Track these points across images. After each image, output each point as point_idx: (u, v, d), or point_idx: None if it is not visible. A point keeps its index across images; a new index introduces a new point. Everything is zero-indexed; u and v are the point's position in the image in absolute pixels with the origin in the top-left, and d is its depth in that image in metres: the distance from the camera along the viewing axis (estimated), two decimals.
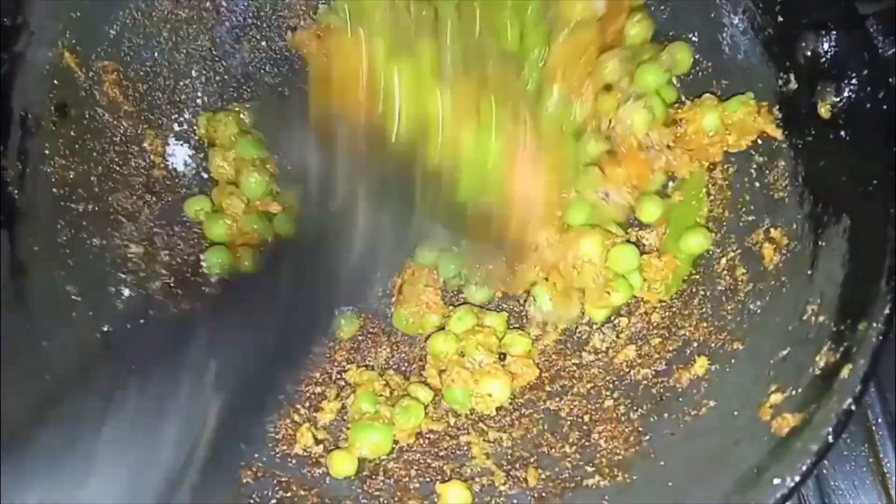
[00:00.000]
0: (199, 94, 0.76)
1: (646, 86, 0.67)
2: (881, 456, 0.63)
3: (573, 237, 0.64)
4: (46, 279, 0.59)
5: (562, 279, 0.64)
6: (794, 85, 0.59)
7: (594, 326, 0.67)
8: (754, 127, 0.62)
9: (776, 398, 0.51)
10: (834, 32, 0.55)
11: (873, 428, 0.64)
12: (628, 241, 0.66)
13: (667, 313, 0.65)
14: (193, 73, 0.76)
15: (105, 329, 0.62)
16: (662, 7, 0.71)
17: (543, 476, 0.60)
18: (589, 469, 0.60)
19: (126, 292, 0.65)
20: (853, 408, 0.46)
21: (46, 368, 0.55)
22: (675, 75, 0.69)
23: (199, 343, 0.45)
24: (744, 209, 0.64)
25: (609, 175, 0.65)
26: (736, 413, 0.54)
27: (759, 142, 0.63)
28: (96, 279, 0.64)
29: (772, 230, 0.60)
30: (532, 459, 0.61)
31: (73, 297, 0.61)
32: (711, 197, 0.66)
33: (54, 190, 0.63)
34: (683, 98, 0.69)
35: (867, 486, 0.62)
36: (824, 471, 0.62)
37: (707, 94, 0.67)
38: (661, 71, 0.67)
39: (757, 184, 0.63)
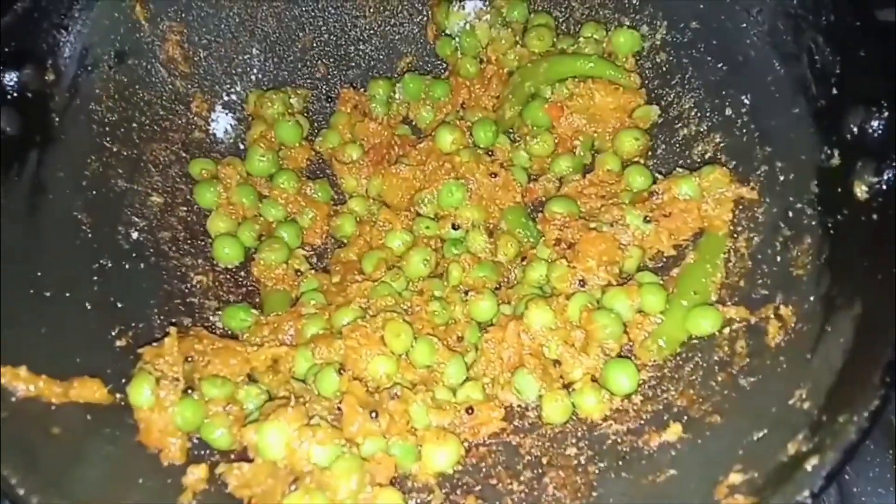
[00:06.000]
0: (255, 71, 0.80)
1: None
2: None
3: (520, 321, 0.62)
4: (63, 203, 0.62)
5: (536, 360, 0.61)
6: (836, 161, 0.55)
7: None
8: (732, 192, 0.63)
9: (735, 478, 0.47)
10: (886, 111, 0.52)
11: None
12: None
13: (656, 374, 0.61)
14: (254, 51, 0.79)
15: (103, 262, 0.64)
16: (720, 65, 0.69)
17: None
18: None
19: (135, 235, 0.68)
20: (808, 502, 0.41)
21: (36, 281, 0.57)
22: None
23: None
24: (760, 281, 0.59)
25: (578, 262, 0.64)
26: (693, 486, 0.50)
27: (790, 214, 0.59)
28: (110, 216, 0.66)
29: (782, 307, 0.56)
30: (476, 489, 0.58)
31: (82, 225, 0.63)
32: (731, 264, 0.62)
33: (94, 127, 0.67)
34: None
35: (891, 493, 0.58)
36: (846, 476, 0.58)
37: (678, 169, 0.68)
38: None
39: (779, 258, 0.59)
